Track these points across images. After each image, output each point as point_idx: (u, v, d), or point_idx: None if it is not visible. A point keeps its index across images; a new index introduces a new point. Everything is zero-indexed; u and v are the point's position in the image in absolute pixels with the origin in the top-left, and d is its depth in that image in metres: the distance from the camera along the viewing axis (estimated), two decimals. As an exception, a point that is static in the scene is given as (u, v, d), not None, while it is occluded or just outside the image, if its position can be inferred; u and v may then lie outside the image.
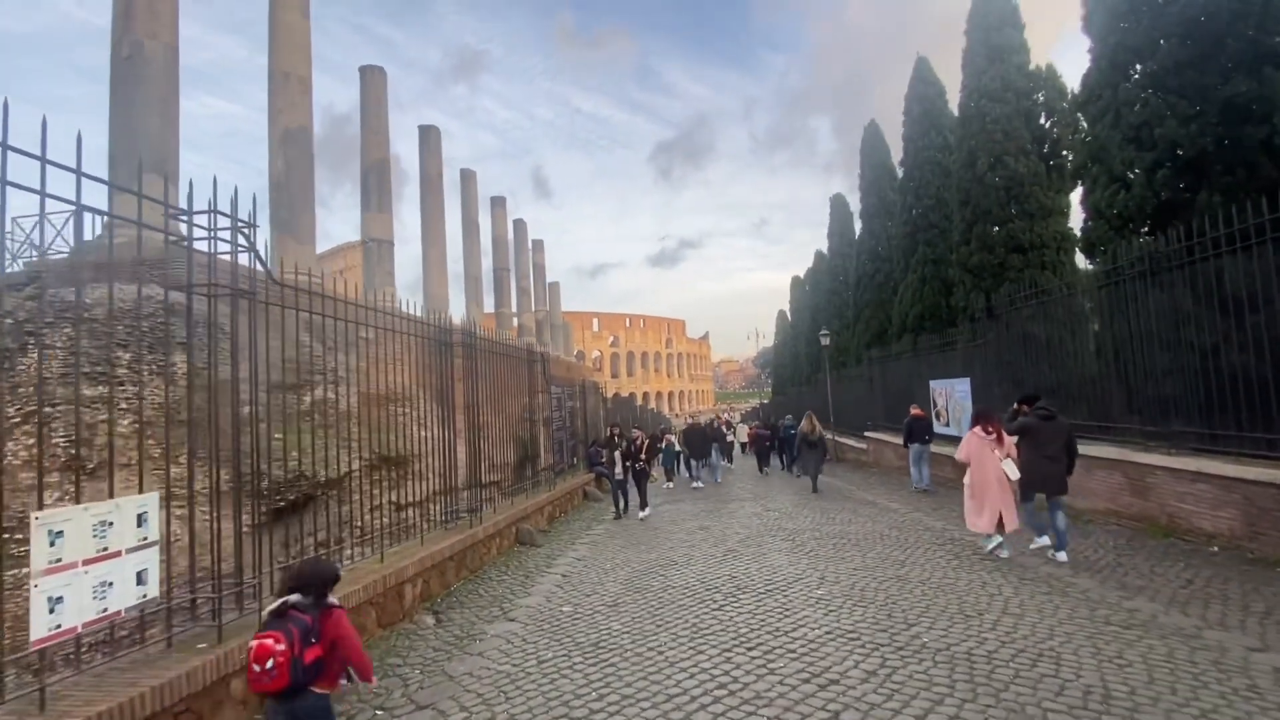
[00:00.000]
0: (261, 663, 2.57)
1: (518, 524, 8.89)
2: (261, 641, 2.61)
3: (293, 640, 2.63)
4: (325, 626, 2.78)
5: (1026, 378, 10.49)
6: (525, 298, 34.28)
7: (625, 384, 71.20)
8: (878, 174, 22.10)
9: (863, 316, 22.16)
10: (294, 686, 2.62)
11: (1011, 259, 13.67)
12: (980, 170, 14.15)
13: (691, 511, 11.31)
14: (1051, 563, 6.39)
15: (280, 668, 2.58)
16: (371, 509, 7.37)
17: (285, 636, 2.63)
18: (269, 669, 2.57)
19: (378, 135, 18.86)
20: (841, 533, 8.41)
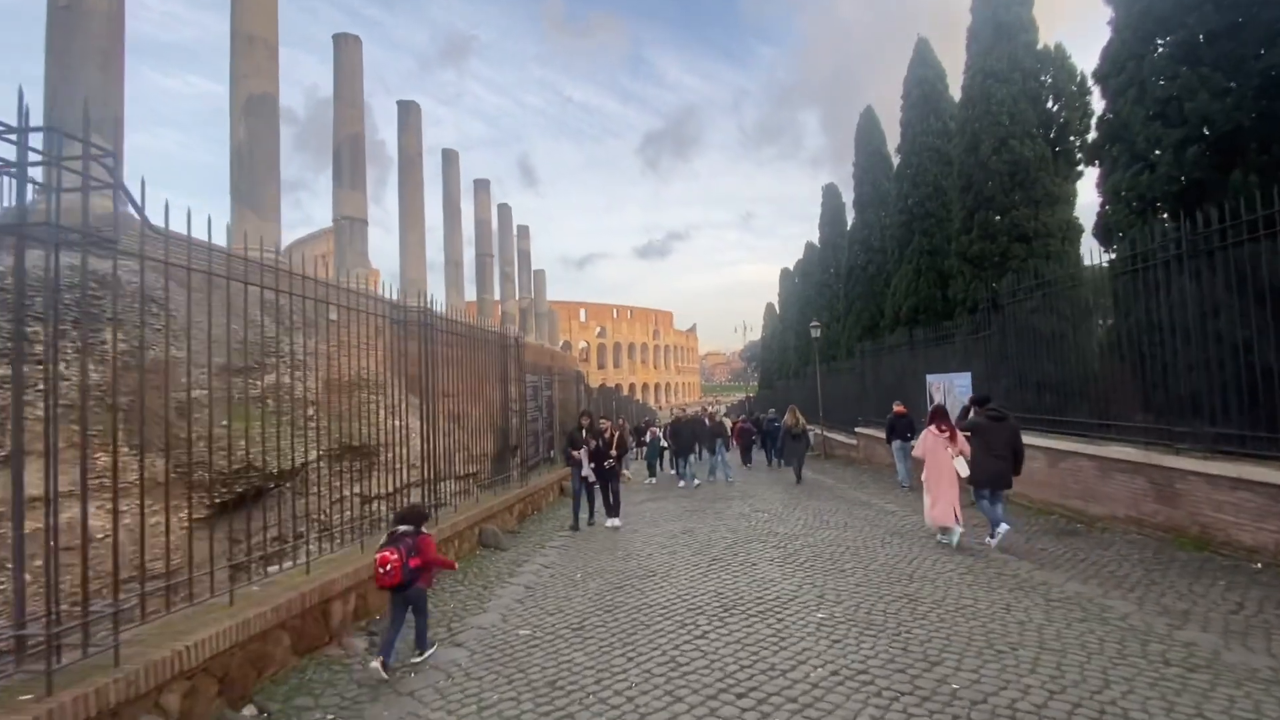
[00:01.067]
0: (383, 566, 4.12)
1: (481, 524, 7.99)
2: (382, 553, 4.17)
3: (402, 552, 4.20)
4: (421, 546, 4.41)
5: (1030, 372, 9.74)
6: (509, 285, 33.18)
7: (612, 375, 70.28)
8: (872, 162, 21.30)
9: (854, 309, 21.41)
10: (404, 582, 4.19)
11: (1014, 248, 12.91)
12: (984, 154, 13.36)
13: (674, 511, 10.46)
14: (1076, 580, 5.62)
15: (395, 570, 4.12)
16: (334, 502, 6.53)
17: (398, 550, 4.18)
18: (388, 570, 4.11)
19: (352, 108, 17.71)
20: (837, 539, 7.59)
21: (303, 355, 6.08)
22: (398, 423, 9.10)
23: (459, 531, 7.29)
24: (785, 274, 37.17)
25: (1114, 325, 8.69)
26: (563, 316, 66.73)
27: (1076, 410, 8.80)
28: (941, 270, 16.83)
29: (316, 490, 6.02)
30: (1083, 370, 9.12)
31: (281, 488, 7.07)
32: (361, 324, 6.65)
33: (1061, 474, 8.52)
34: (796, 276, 33.41)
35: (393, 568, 4.12)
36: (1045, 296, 9.69)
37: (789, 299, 35.49)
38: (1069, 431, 8.69)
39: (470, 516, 7.71)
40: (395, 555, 4.15)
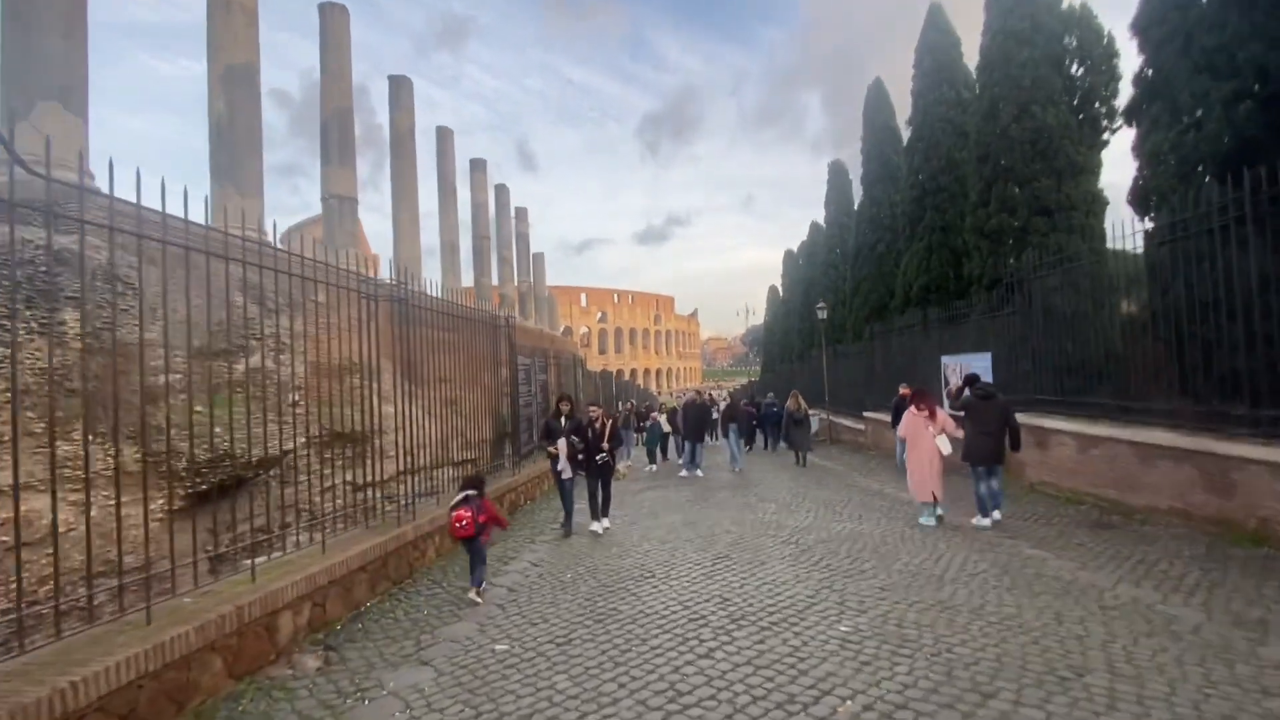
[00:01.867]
0: (460, 521, 5.21)
1: (466, 518, 7.33)
2: (459, 511, 5.27)
3: (474, 511, 5.28)
4: (484, 506, 5.45)
5: (1055, 351, 9.01)
6: (507, 268, 32.39)
7: (613, 360, 69.63)
8: (881, 137, 20.38)
9: (861, 290, 20.60)
10: (475, 535, 5.27)
11: (1035, 222, 12.11)
12: (1004, 122, 12.51)
13: (675, 501, 9.81)
14: (1128, 582, 4.95)
15: (469, 524, 5.21)
16: (322, 491, 5.90)
17: (470, 508, 5.28)
18: (463, 525, 5.21)
19: (339, 82, 16.83)
20: (853, 533, 6.93)
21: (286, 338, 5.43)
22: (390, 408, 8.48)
23: (439, 526, 6.63)
24: (789, 256, 36.26)
25: (1150, 301, 7.94)
26: (563, 302, 65.97)
27: (1107, 392, 8.09)
28: (955, 248, 16.02)
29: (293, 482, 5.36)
30: (1114, 349, 8.40)
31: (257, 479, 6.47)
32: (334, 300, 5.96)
33: (1093, 460, 7.83)
34: (800, 258, 32.54)
35: (467, 523, 5.16)
36: (1070, 272, 8.95)
37: (793, 281, 34.63)
38: (1099, 415, 7.99)
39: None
40: (469, 513, 5.20)
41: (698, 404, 14.05)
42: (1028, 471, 9.22)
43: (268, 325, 6.22)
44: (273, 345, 6.73)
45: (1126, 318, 8.47)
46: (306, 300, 6.09)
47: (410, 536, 5.99)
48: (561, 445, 7.68)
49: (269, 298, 6.25)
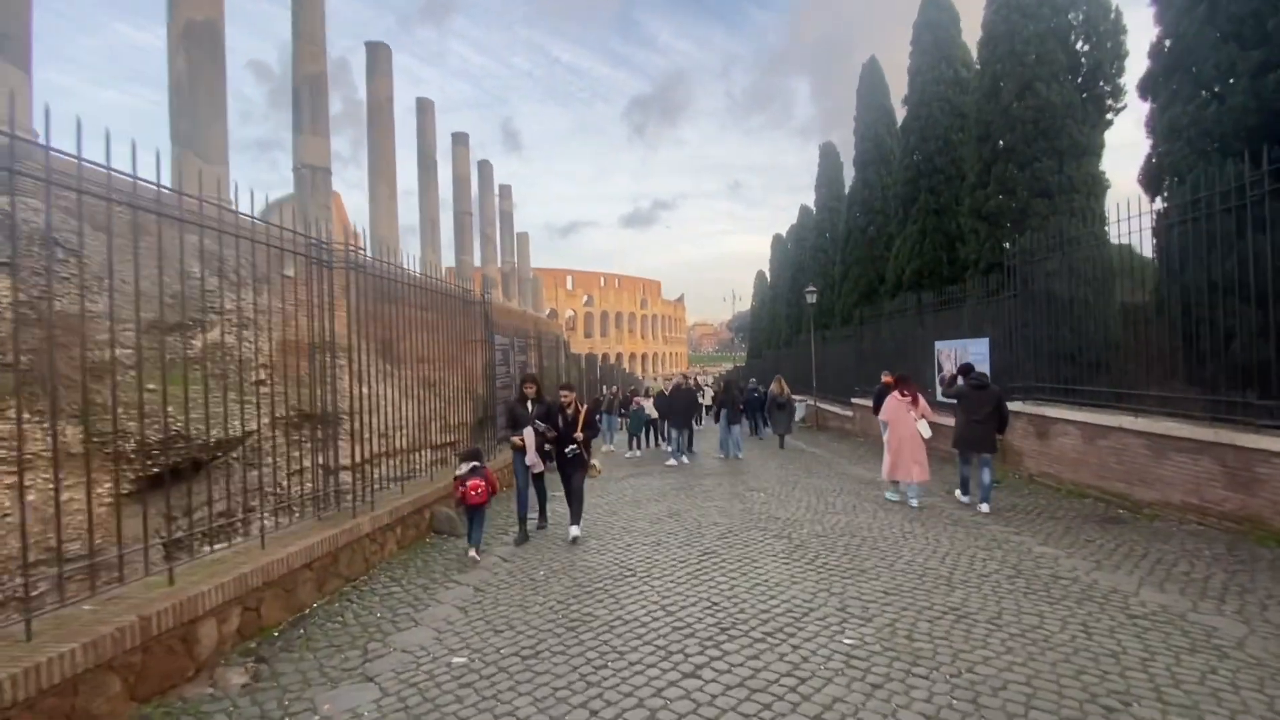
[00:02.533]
0: (476, 490, 5.71)
1: (433, 507, 6.76)
2: (474, 480, 5.74)
3: (483, 479, 5.80)
4: (486, 474, 5.91)
5: (1056, 337, 8.58)
6: (490, 247, 31.54)
7: (599, 344, 68.93)
8: (875, 117, 19.80)
9: (851, 274, 20.14)
10: (487, 502, 5.85)
11: (1036, 204, 11.64)
12: (1005, 100, 12.00)
13: (659, 489, 9.30)
14: (1152, 586, 4.52)
15: (484, 492, 5.77)
16: (290, 474, 5.43)
17: (480, 478, 5.78)
18: (479, 493, 5.72)
19: (312, 45, 15.90)
20: (849, 526, 6.46)
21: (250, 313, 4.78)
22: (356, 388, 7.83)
23: (401, 517, 6.05)
24: (777, 240, 35.73)
25: (1161, 284, 7.50)
26: (549, 284, 65.00)
27: (1112, 380, 7.68)
28: (949, 232, 15.57)
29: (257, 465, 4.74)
30: (1120, 335, 7.99)
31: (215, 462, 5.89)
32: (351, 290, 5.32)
33: (1100, 452, 7.42)
34: (789, 242, 32.02)
35: (482, 490, 5.68)
36: (1076, 254, 8.50)
37: (781, 266, 34.13)
38: (1103, 404, 7.59)
39: (418, 497, 6.46)
40: (482, 482, 5.73)
41: (684, 389, 13.40)
42: (1026, 462, 8.83)
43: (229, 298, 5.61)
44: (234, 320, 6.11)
45: (1134, 303, 8.05)
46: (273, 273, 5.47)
47: (367, 528, 5.40)
48: (528, 435, 6.42)
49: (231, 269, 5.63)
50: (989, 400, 7.20)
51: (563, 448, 6.48)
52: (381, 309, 6.48)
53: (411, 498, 6.34)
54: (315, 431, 5.64)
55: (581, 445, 6.46)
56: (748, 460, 12.17)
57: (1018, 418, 8.97)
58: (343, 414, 6.32)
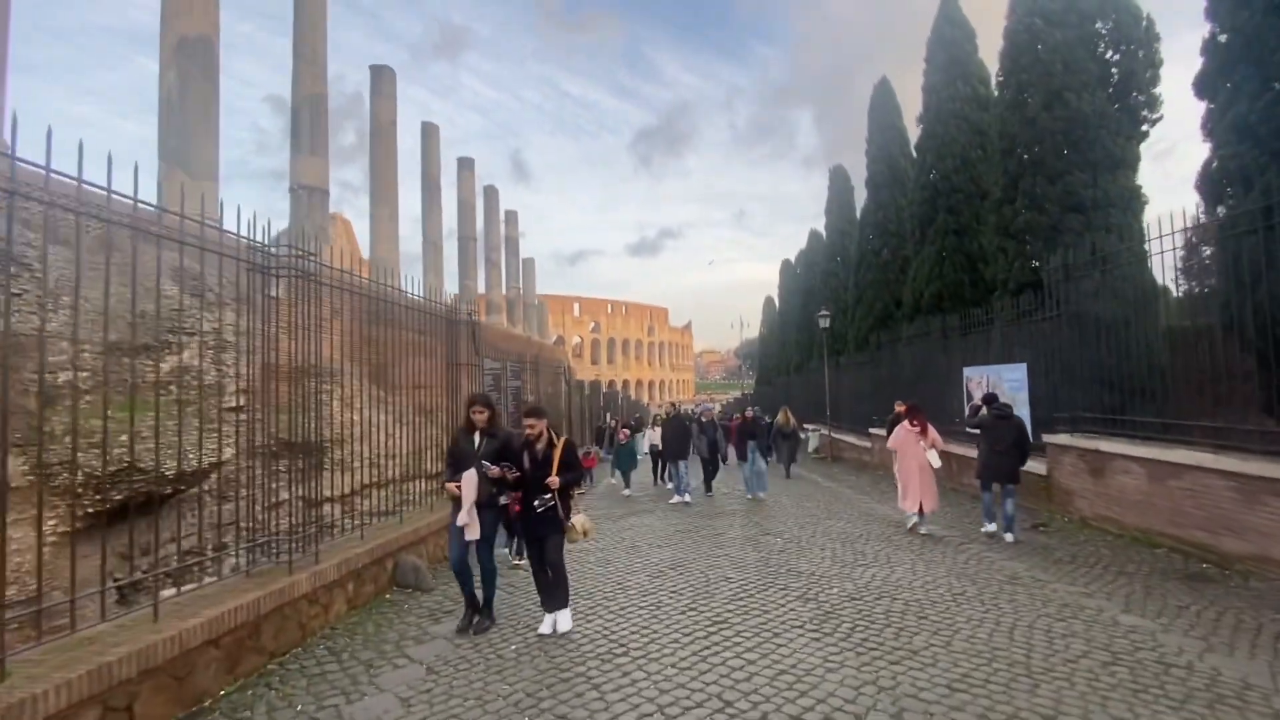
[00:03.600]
0: None
1: (397, 555, 5.76)
2: None
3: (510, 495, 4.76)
4: None
5: (1106, 361, 7.56)
6: (495, 272, 30.92)
7: (606, 371, 68.08)
8: (888, 137, 19.10)
9: (864, 299, 19.22)
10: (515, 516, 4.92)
11: (1068, 220, 10.73)
12: (1032, 110, 11.19)
13: (660, 532, 8.24)
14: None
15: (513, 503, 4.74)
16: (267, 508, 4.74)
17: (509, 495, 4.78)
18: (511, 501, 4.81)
19: (313, 66, 15.46)
20: (887, 584, 5.39)
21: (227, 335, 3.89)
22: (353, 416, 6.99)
23: (355, 570, 5.06)
24: (786, 266, 34.94)
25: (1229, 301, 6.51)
26: (556, 311, 64.50)
27: (1179, 410, 6.65)
28: (970, 252, 14.67)
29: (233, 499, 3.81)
30: (1185, 359, 6.97)
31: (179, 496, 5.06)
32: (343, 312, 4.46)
33: (1172, 494, 6.34)
34: (799, 267, 31.21)
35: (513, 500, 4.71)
36: (1131, 268, 7.54)
37: (790, 291, 33.26)
38: (1168, 437, 6.54)
39: (381, 544, 5.48)
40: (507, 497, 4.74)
41: (674, 418, 12.04)
42: (1078, 503, 7.73)
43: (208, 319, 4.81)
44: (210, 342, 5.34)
45: (1200, 323, 7.06)
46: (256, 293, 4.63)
47: (306, 588, 4.42)
48: (467, 481, 4.49)
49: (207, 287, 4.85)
50: (1012, 432, 7.08)
51: (530, 500, 4.51)
52: (352, 327, 5.60)
53: (370, 545, 5.35)
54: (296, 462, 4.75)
55: (558, 495, 4.50)
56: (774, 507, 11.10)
57: (1065, 452, 7.91)
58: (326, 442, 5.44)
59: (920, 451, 7.42)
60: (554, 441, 4.61)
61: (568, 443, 4.69)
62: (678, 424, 11.59)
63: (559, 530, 4.55)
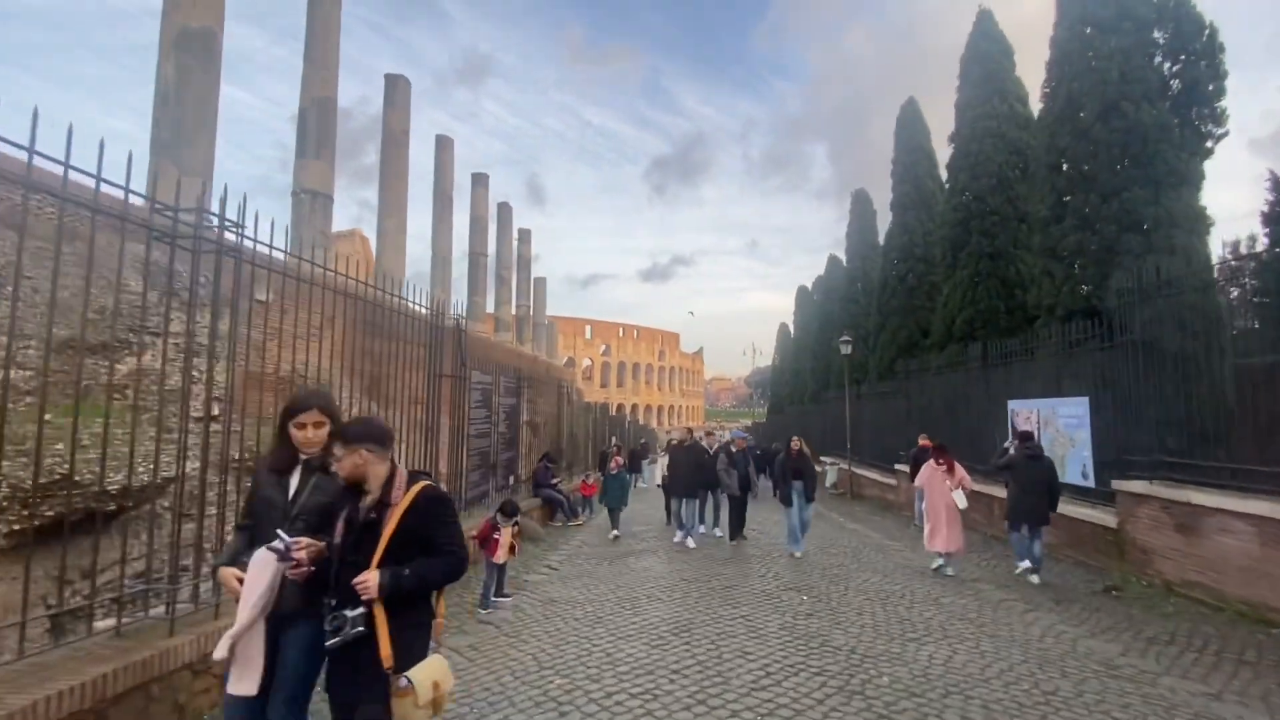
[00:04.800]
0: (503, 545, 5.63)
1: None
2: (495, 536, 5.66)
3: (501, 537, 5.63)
4: None
5: (1193, 396, 6.37)
6: (505, 289, 30.12)
7: (615, 394, 67.00)
8: (914, 159, 18.14)
9: (888, 326, 18.05)
10: None
11: (1125, 240, 9.60)
12: (1085, 122, 10.15)
13: (662, 581, 7.04)
14: None
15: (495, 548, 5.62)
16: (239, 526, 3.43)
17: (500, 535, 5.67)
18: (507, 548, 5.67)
19: (324, 70, 14.80)
20: (952, 670, 4.18)
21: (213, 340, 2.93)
22: None
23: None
24: (802, 292, 33.86)
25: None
26: (567, 333, 63.79)
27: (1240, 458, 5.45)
28: (1006, 278, 13.54)
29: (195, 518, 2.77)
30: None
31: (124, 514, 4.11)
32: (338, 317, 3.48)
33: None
34: (816, 294, 30.12)
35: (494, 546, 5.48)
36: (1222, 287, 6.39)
37: (806, 318, 32.12)
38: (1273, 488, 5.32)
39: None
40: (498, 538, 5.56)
41: (687, 446, 9.75)
42: (1160, 564, 6.45)
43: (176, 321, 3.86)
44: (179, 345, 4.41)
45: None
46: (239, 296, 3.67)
47: (187, 657, 3.31)
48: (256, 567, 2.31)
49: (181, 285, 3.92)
50: (1043, 472, 6.92)
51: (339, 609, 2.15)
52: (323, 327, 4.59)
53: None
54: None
55: (383, 614, 2.14)
56: (774, 537, 9.85)
57: (1142, 503, 6.67)
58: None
59: (946, 491, 7.22)
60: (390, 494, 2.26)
61: (427, 498, 2.27)
62: (692, 453, 9.51)
63: (379, 694, 2.09)
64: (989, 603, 5.92)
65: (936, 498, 7.27)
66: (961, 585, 6.65)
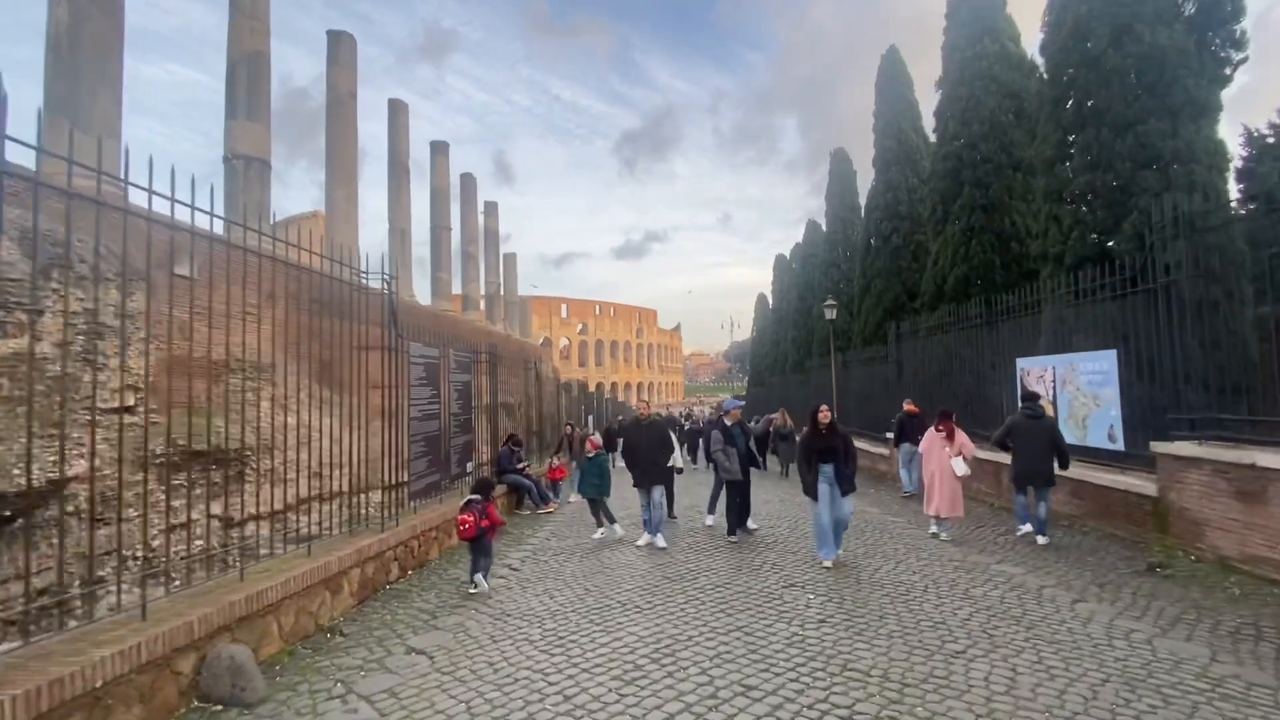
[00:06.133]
0: (463, 525, 5.40)
1: (206, 644, 3.45)
2: (461, 516, 5.42)
3: (476, 515, 5.40)
4: (488, 511, 5.51)
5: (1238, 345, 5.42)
6: (472, 265, 28.52)
7: (594, 373, 65.77)
8: (898, 110, 17.01)
9: (873, 289, 17.07)
10: (477, 536, 5.42)
11: (1143, 178, 8.63)
12: (1096, 48, 9.09)
13: (640, 581, 5.94)
14: None
15: (471, 528, 5.39)
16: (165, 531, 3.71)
17: (473, 514, 5.40)
18: (466, 528, 5.39)
19: (253, 20, 13.09)
20: (1024, 707, 3.16)
21: None
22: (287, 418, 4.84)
23: (114, 678, 2.76)
24: (780, 261, 32.80)
25: None
26: (543, 312, 62.18)
27: None
28: (1000, 230, 12.59)
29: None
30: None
31: None
32: None
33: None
34: (794, 262, 29.09)
35: (469, 526, 5.38)
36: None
37: (785, 286, 31.10)
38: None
39: (177, 629, 3.18)
40: (471, 518, 5.38)
41: (646, 424, 7.52)
42: (1213, 538, 5.54)
43: None
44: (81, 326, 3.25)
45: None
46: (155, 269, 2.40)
47: (94, 678, 2.13)
48: None
49: None
50: (1044, 432, 6.59)
51: None
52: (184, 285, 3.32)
53: (152, 631, 3.05)
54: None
55: None
56: (774, 519, 8.82)
57: (1191, 466, 5.73)
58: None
59: (944, 457, 7.06)
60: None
61: None
62: (653, 432, 7.42)
63: None
64: (1028, 592, 4.94)
65: (933, 464, 7.17)
66: (988, 570, 5.68)
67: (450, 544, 7.05)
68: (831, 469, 6.16)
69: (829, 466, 6.17)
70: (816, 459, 6.21)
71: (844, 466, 6.16)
